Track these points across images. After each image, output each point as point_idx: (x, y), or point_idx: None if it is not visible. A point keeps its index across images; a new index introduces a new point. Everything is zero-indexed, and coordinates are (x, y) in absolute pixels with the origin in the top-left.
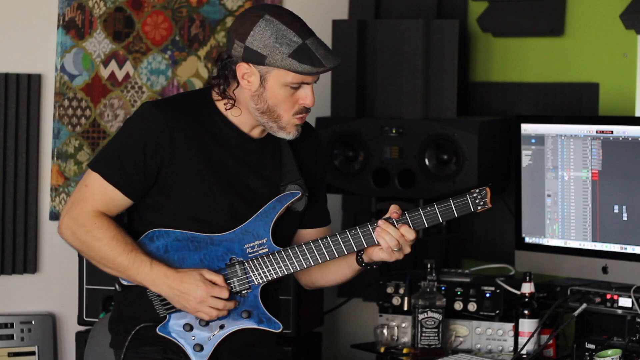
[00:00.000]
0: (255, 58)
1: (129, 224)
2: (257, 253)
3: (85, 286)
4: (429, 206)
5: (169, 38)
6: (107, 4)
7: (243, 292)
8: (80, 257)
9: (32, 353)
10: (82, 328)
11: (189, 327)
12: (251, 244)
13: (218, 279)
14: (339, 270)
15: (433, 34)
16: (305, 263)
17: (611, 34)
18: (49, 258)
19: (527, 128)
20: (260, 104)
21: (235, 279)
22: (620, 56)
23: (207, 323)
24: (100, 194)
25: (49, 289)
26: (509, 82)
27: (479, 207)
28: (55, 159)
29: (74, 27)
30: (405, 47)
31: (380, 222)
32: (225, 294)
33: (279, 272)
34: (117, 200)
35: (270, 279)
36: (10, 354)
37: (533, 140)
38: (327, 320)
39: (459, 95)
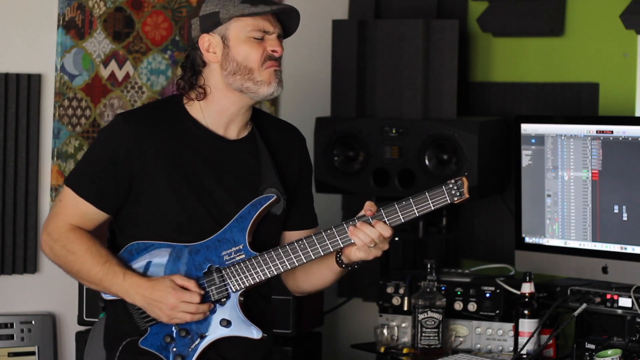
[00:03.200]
0: (210, 20)
1: (111, 238)
2: (234, 260)
3: (85, 286)
4: (404, 200)
5: (169, 38)
6: (107, 4)
7: (222, 300)
8: None
9: (32, 353)
10: (82, 328)
11: (169, 339)
12: (228, 251)
13: (189, 284)
14: (321, 274)
15: (433, 34)
16: (282, 266)
17: (611, 34)
18: None
19: (527, 128)
20: (230, 66)
21: (213, 287)
22: (620, 56)
23: (187, 333)
24: (73, 208)
25: (49, 289)
26: (509, 82)
27: (456, 198)
28: (55, 159)
29: (74, 27)
30: (405, 47)
31: (354, 221)
32: (197, 299)
33: (255, 277)
34: (91, 214)
35: (247, 285)
36: (10, 354)
37: (533, 140)
38: (327, 320)
39: (459, 95)
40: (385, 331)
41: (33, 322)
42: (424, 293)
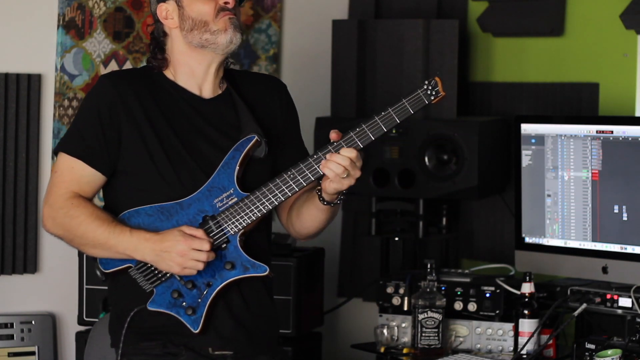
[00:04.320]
0: None
1: None
2: (227, 205)
3: (85, 286)
4: (383, 111)
5: None
6: (107, 4)
7: (222, 245)
8: (80, 257)
9: (32, 353)
10: (82, 328)
11: (177, 294)
12: (219, 198)
13: (198, 232)
14: (311, 215)
15: (433, 34)
16: (276, 199)
17: (611, 34)
18: (49, 258)
19: (527, 128)
20: (187, 24)
21: (211, 235)
22: (620, 56)
23: (193, 285)
24: (69, 172)
25: (49, 289)
26: (509, 82)
27: (432, 98)
28: (55, 159)
29: (74, 27)
30: (405, 47)
31: (328, 148)
32: (206, 246)
33: (251, 216)
34: (87, 175)
35: (245, 225)
36: (10, 354)
37: (533, 140)
38: (327, 320)
39: (459, 95)
40: (385, 331)
41: (33, 322)
42: (424, 293)
